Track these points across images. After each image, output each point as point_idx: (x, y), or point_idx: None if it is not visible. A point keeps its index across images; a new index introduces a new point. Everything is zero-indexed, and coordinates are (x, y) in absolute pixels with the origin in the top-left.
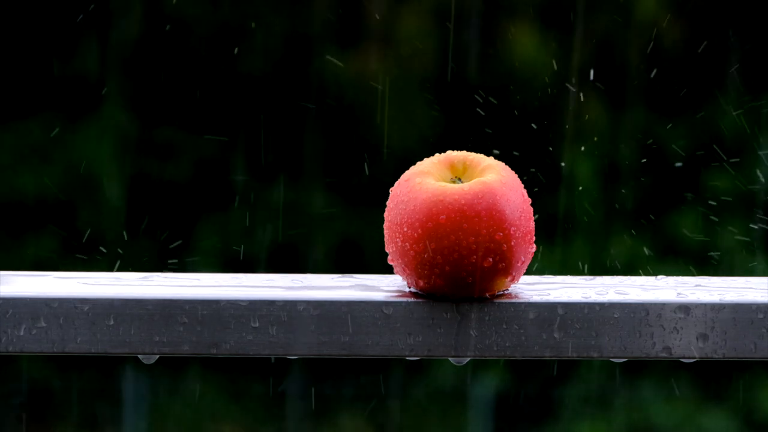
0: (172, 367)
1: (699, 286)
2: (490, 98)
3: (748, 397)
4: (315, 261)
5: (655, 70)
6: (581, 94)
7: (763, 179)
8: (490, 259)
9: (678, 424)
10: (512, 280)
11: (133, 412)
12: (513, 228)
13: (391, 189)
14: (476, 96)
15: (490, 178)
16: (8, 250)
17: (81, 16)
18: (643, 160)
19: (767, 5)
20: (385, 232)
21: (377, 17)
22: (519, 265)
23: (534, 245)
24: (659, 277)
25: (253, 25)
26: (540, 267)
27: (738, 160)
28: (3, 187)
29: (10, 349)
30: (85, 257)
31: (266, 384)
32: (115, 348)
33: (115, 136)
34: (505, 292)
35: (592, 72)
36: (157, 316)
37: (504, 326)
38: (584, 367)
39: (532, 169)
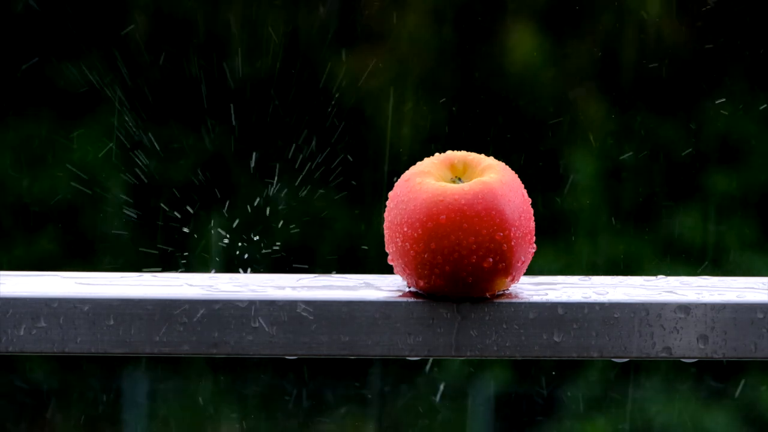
0: (172, 367)
1: (699, 286)
2: (491, 98)
3: (749, 396)
4: (315, 261)
5: (656, 70)
6: (582, 94)
7: (764, 179)
8: (490, 259)
9: (679, 424)
10: (512, 280)
11: (133, 412)
12: (513, 228)
13: (390, 189)
14: (477, 95)
15: (490, 178)
16: (9, 250)
17: (81, 16)
18: (644, 160)
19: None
20: (385, 232)
21: (377, 17)
22: (519, 265)
23: (534, 245)
24: (659, 277)
25: (254, 24)
26: (540, 267)
27: (739, 159)
28: (3, 187)
29: (10, 349)
30: (85, 257)
31: (266, 384)
32: (115, 348)
33: (115, 135)
34: (505, 292)
35: (593, 72)
36: (157, 316)
37: (504, 326)
38: (585, 366)
39: (533, 169)
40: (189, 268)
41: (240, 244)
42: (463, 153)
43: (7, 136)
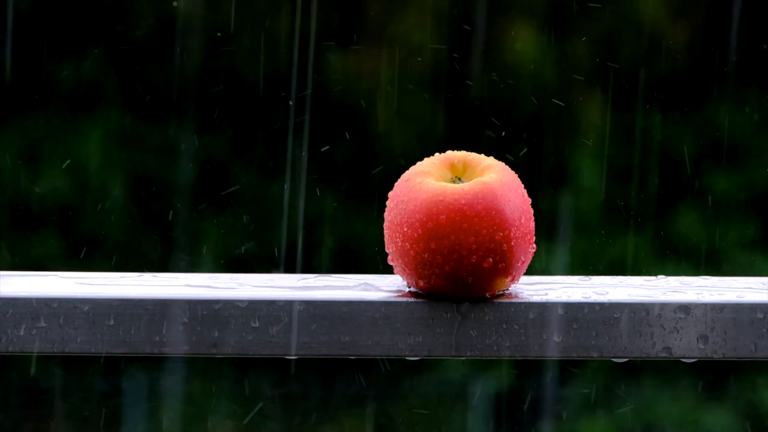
0: (172, 366)
1: (699, 286)
2: (491, 97)
3: (748, 396)
4: (315, 261)
5: (656, 70)
6: (582, 94)
7: (763, 179)
8: (490, 259)
9: (679, 423)
10: (512, 280)
11: (133, 412)
12: (513, 228)
13: (390, 189)
14: (477, 95)
15: (490, 178)
16: (9, 250)
17: (82, 16)
18: (644, 160)
19: (767, 4)
20: (385, 232)
21: (377, 17)
22: (519, 265)
23: (534, 245)
24: (659, 277)
25: (253, 24)
26: (541, 267)
27: (739, 159)
28: (3, 187)
29: (10, 349)
30: (85, 257)
31: (267, 384)
32: (115, 348)
33: (115, 135)
34: (505, 292)
35: (593, 71)
36: (157, 316)
37: (504, 326)
38: (585, 366)
39: (533, 169)
40: (190, 268)
41: (240, 244)
42: (463, 153)
43: (6, 136)
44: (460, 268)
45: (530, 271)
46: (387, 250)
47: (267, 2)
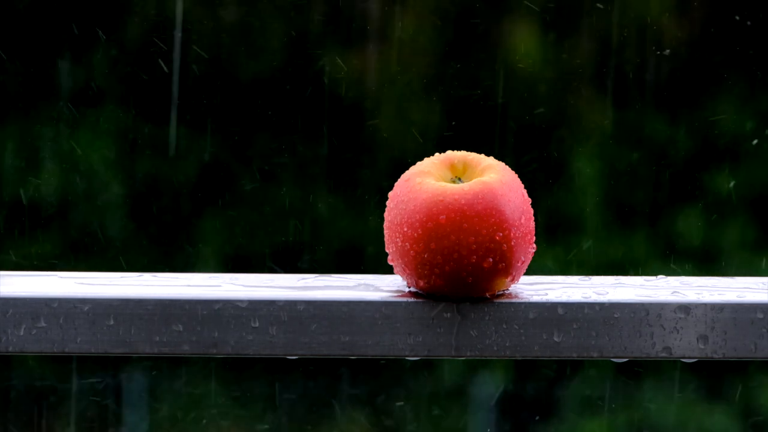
0: (172, 367)
1: (699, 286)
2: (491, 97)
3: (749, 396)
4: (315, 261)
5: (656, 70)
6: (583, 94)
7: (763, 179)
8: (490, 259)
9: (679, 424)
10: (512, 280)
11: (134, 412)
12: (513, 228)
13: (390, 189)
14: (477, 95)
15: (490, 178)
16: (9, 249)
17: (82, 16)
18: (644, 160)
19: (767, 3)
20: (385, 232)
21: (377, 17)
22: (519, 265)
23: (534, 245)
24: (659, 277)
25: (253, 24)
26: (540, 267)
27: (739, 159)
28: (3, 187)
29: (10, 349)
30: (85, 257)
31: (266, 384)
32: (115, 348)
33: (116, 135)
34: (505, 292)
35: (593, 71)
36: (157, 316)
37: (504, 326)
38: (585, 366)
39: (533, 169)
40: (190, 268)
41: (240, 244)
42: (463, 153)
43: (6, 135)
44: (460, 268)
45: (530, 271)
46: (387, 250)
47: (268, 1)
